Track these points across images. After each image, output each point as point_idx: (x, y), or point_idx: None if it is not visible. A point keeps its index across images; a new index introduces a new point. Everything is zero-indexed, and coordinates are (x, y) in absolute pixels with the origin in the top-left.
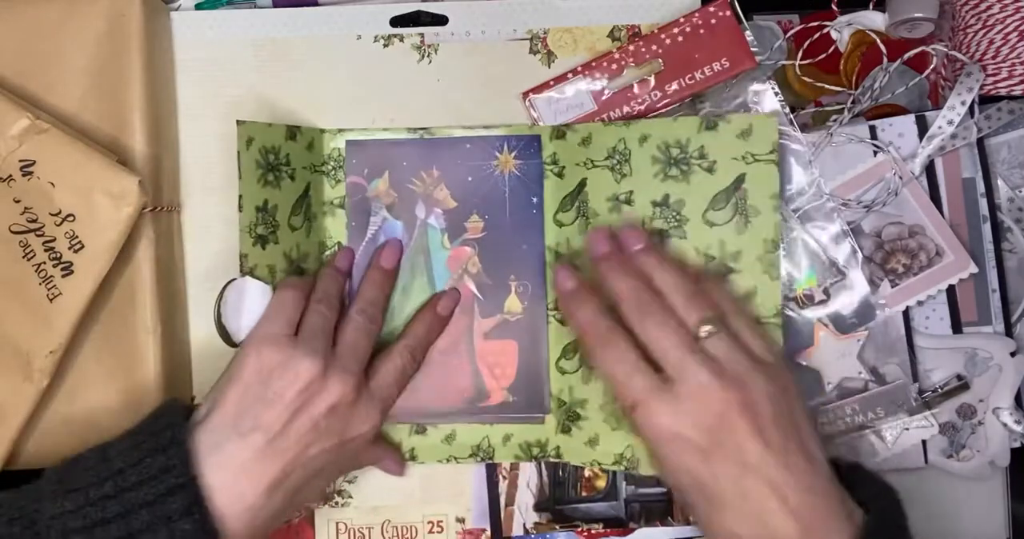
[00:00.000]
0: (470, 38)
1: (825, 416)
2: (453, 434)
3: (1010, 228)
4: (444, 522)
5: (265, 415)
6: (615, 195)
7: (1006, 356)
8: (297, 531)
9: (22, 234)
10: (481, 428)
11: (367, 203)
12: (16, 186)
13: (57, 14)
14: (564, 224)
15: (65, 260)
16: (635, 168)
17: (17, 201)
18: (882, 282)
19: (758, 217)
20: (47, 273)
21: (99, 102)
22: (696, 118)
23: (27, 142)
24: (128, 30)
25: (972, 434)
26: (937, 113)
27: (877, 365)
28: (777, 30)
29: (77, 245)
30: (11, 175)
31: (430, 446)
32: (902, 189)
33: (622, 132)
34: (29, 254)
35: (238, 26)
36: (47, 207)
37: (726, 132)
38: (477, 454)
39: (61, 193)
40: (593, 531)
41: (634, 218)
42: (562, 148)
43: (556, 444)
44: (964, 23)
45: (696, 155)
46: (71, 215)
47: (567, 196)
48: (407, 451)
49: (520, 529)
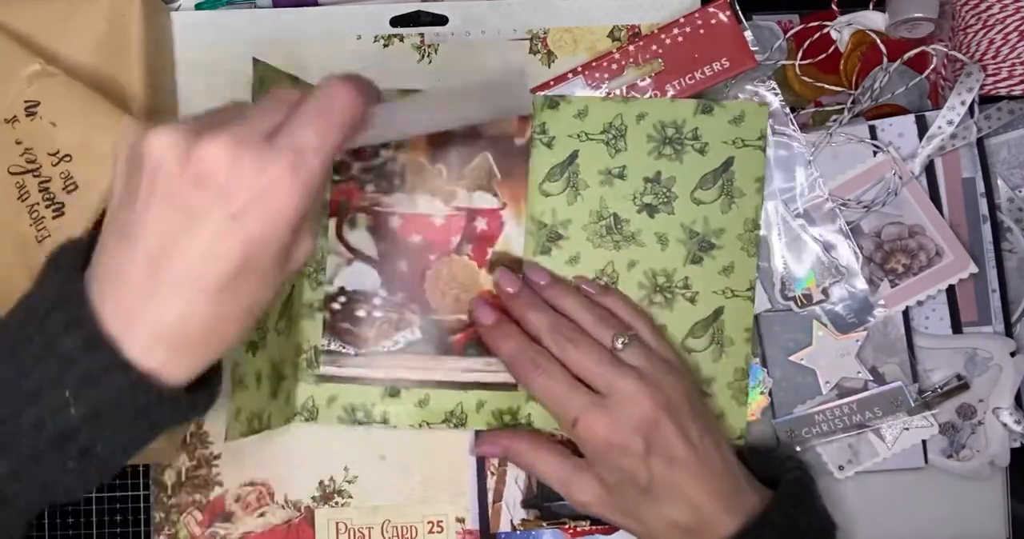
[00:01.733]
0: (470, 38)
1: (824, 416)
2: (427, 399)
3: (1010, 228)
4: (444, 522)
5: (126, 214)
6: (608, 169)
7: (1006, 356)
8: (297, 531)
9: (19, 175)
10: (455, 394)
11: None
12: (19, 127)
13: (57, 14)
14: (551, 194)
15: (58, 201)
16: (630, 144)
17: (19, 142)
18: (882, 282)
19: (742, 198)
20: (39, 214)
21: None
22: (693, 101)
23: (36, 83)
24: (128, 30)
25: (972, 434)
26: (937, 113)
27: (876, 365)
28: (777, 30)
29: (71, 186)
30: (16, 116)
31: (403, 411)
32: (902, 189)
33: (620, 108)
34: (24, 195)
35: (238, 26)
36: (46, 147)
37: (720, 116)
38: (450, 420)
39: (61, 132)
40: (579, 528)
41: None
42: (553, 118)
43: (528, 411)
44: (964, 23)
45: (690, 136)
46: (68, 155)
47: (556, 166)
48: (378, 415)
49: (507, 525)
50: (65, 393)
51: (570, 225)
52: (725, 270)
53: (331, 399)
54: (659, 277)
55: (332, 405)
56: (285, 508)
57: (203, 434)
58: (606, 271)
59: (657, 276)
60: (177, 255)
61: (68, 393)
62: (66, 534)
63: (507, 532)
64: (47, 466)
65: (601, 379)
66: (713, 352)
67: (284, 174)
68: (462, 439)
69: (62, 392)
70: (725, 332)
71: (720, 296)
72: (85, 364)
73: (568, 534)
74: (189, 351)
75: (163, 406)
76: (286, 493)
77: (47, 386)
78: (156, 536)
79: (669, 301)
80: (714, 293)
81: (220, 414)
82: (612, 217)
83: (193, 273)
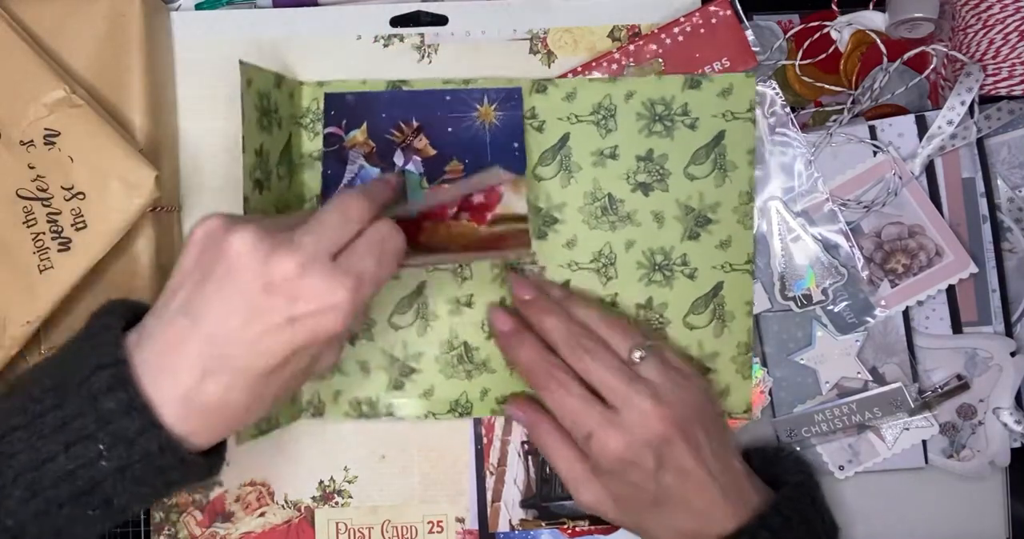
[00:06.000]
0: (470, 38)
1: (824, 416)
2: (431, 389)
3: (1010, 228)
4: (444, 522)
5: (192, 294)
6: (600, 150)
7: (1006, 356)
8: (297, 531)
9: (28, 200)
10: (459, 383)
11: (344, 152)
12: (35, 152)
13: (57, 14)
14: (543, 178)
15: (65, 235)
16: (620, 124)
17: (32, 167)
18: (882, 282)
19: (735, 171)
20: (44, 244)
21: (99, 102)
22: (680, 76)
23: (57, 112)
24: (128, 30)
25: (972, 434)
26: (937, 113)
27: (876, 365)
28: (777, 30)
29: (80, 224)
30: (32, 141)
31: (409, 403)
32: (902, 189)
33: (608, 88)
34: (30, 221)
35: (238, 26)
36: (60, 180)
37: (708, 90)
38: (456, 409)
39: (78, 170)
40: (578, 528)
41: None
42: (542, 102)
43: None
44: (964, 23)
45: (679, 112)
46: (82, 193)
47: (547, 150)
48: (384, 407)
49: (506, 525)
50: (99, 447)
51: (565, 208)
52: (722, 244)
53: (336, 394)
54: (657, 255)
55: (338, 400)
56: (285, 508)
57: None
58: (603, 252)
59: (655, 254)
60: (234, 342)
61: (102, 447)
62: None
63: (506, 532)
64: (67, 513)
65: (616, 394)
66: (715, 328)
67: (345, 296)
68: (462, 439)
69: (96, 445)
70: (726, 307)
71: (719, 271)
72: (123, 424)
73: (567, 534)
74: (215, 426)
75: (185, 468)
76: (286, 493)
77: (83, 439)
78: (156, 536)
79: (668, 279)
80: (713, 268)
81: None
82: (607, 198)
83: (243, 360)
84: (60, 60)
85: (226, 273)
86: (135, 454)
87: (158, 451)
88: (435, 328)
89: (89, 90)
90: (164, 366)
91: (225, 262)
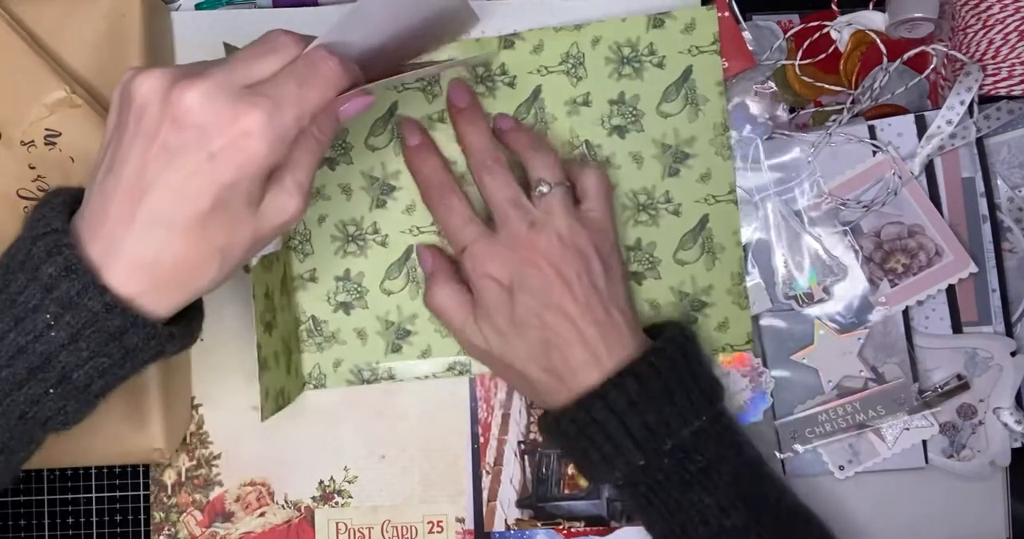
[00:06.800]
0: (470, 38)
1: (827, 415)
2: (428, 350)
3: (1010, 228)
4: (444, 522)
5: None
6: (572, 99)
7: (1006, 356)
8: (297, 531)
9: (29, 200)
10: (455, 342)
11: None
12: (35, 153)
13: (57, 14)
14: None
15: None
16: (590, 70)
17: (32, 167)
18: (881, 282)
19: (707, 104)
20: None
21: (99, 102)
22: (644, 16)
23: (58, 113)
24: (128, 30)
25: (972, 434)
26: (936, 113)
27: (877, 364)
28: (777, 30)
29: None
30: (33, 141)
31: (408, 366)
32: (901, 189)
33: (574, 36)
34: None
35: (238, 26)
36: (61, 180)
37: (672, 28)
38: (454, 368)
39: (79, 169)
40: (574, 529)
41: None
42: (511, 58)
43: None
44: (964, 23)
45: (646, 52)
46: None
47: (521, 105)
48: (384, 371)
49: (502, 525)
50: (46, 316)
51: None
52: (703, 178)
53: (337, 363)
54: (640, 196)
55: (339, 369)
56: (285, 508)
57: (203, 434)
58: None
59: (638, 195)
60: (153, 191)
61: (49, 316)
62: (66, 534)
63: (501, 531)
64: (27, 393)
65: (498, 213)
66: (706, 261)
67: (259, 117)
68: (463, 439)
69: (43, 316)
70: (715, 239)
71: (703, 204)
72: (64, 287)
73: (562, 534)
74: (165, 285)
75: (138, 333)
76: (286, 493)
77: (30, 312)
78: (156, 536)
79: (654, 217)
80: (696, 202)
81: (220, 413)
82: (584, 145)
83: (167, 210)
84: (60, 60)
85: (136, 120)
86: (81, 318)
87: (104, 312)
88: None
89: (89, 90)
90: (98, 228)
91: (135, 108)
